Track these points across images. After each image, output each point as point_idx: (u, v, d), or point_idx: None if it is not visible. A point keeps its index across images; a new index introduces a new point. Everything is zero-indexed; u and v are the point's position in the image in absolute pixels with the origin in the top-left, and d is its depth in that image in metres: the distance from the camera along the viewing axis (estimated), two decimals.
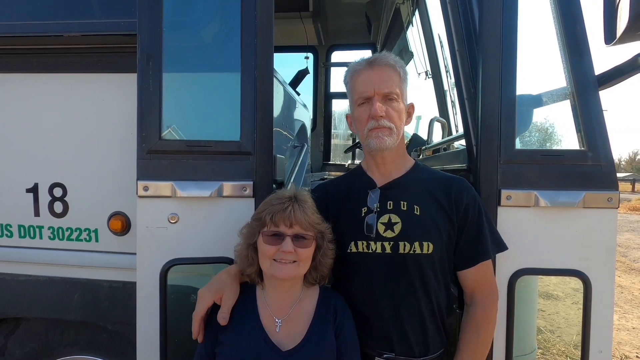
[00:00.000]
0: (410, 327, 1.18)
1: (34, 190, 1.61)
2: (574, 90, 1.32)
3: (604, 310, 1.31)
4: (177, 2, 1.38)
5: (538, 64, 1.60)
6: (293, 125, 2.29)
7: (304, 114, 2.76)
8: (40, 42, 1.52)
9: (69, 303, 1.59)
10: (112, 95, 1.51)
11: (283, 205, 1.07)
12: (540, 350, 3.60)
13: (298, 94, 3.73)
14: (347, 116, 1.36)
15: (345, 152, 4.34)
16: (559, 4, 1.32)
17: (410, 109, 1.28)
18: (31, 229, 1.63)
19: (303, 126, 2.56)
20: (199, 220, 1.36)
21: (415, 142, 2.96)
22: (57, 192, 1.60)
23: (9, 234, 1.64)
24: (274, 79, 1.46)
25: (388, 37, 3.51)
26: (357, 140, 4.14)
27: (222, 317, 1.07)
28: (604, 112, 1.31)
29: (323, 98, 4.40)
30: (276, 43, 1.42)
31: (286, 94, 2.17)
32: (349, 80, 1.27)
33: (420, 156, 2.74)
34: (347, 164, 4.31)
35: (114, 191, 1.56)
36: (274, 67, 1.40)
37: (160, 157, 1.34)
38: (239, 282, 1.18)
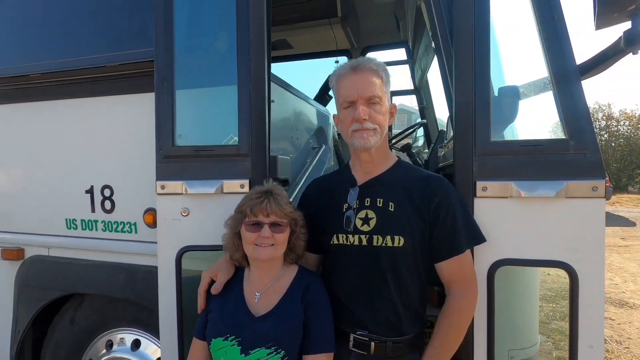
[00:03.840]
0: (383, 313, 1.27)
1: (90, 191, 1.99)
2: (554, 79, 1.29)
3: (594, 303, 1.27)
4: (185, 34, 1.63)
5: (519, 54, 1.56)
6: (309, 128, 2.45)
7: (323, 118, 2.91)
8: (91, 72, 1.89)
9: (116, 283, 1.94)
10: (141, 112, 1.81)
11: (260, 199, 1.25)
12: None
13: (330, 97, 3.88)
14: (334, 116, 1.48)
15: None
16: None
17: (392, 110, 1.37)
18: (89, 222, 2.01)
19: (320, 129, 2.71)
20: (206, 213, 1.59)
21: (441, 139, 2.95)
22: (107, 192, 1.96)
23: (74, 227, 2.04)
24: (283, 89, 1.64)
25: (415, 35, 3.50)
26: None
27: (215, 289, 1.30)
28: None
29: None
30: (309, 50, 1.59)
31: (298, 101, 2.35)
32: (334, 84, 1.37)
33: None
34: None
35: (147, 190, 1.86)
36: (285, 77, 1.58)
37: (173, 161, 1.60)
38: (233, 265, 1.38)
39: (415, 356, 1.27)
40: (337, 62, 3.89)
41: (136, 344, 2.02)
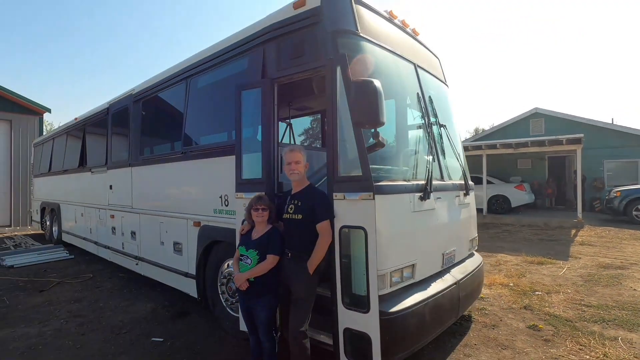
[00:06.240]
0: (294, 242, 3.31)
1: (220, 197, 4.65)
2: (357, 153, 3.07)
3: (372, 245, 2.98)
4: (246, 133, 4.04)
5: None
6: (313, 166, 4.55)
7: None
8: (219, 147, 4.56)
9: (230, 236, 4.48)
10: (232, 165, 4.31)
11: (257, 200, 3.50)
12: None
13: None
14: (283, 167, 3.59)
15: None
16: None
17: (307, 165, 3.43)
18: (221, 210, 4.66)
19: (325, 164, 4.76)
20: None
21: None
22: (226, 197, 4.57)
23: (217, 213, 4.73)
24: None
25: None
26: None
27: (242, 232, 3.62)
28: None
29: None
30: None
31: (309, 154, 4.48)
32: (283, 155, 3.53)
33: None
34: None
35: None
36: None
37: (241, 185, 4.01)
38: (249, 225, 3.65)
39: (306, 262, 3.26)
40: None
41: None
